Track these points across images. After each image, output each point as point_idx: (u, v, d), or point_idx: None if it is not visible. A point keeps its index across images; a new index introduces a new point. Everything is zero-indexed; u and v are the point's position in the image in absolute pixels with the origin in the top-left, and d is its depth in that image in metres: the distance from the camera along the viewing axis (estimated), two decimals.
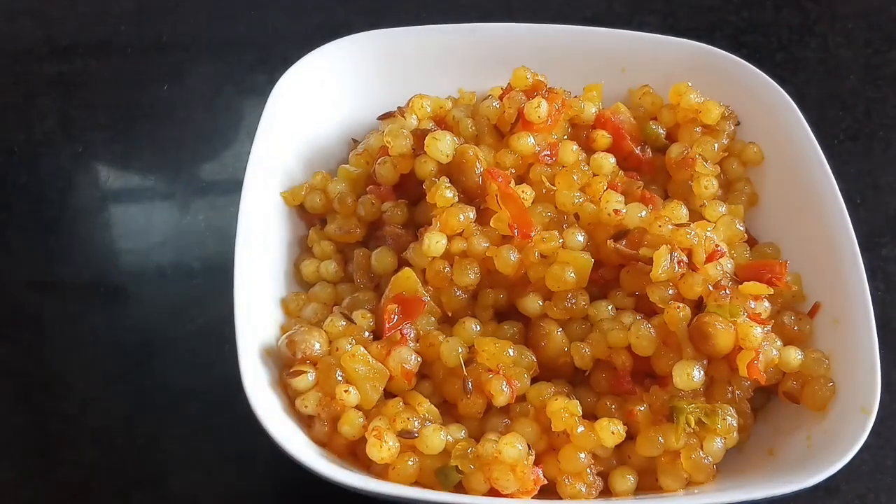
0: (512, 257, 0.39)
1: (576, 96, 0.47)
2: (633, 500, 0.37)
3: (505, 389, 0.37)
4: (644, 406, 0.37)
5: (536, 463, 0.36)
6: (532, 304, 0.39)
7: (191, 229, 0.52)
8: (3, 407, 0.45)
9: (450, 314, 0.40)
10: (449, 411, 0.39)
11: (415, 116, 0.46)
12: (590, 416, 0.38)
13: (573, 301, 0.39)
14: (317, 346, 0.39)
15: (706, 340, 0.37)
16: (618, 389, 0.38)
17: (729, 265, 0.40)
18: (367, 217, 0.44)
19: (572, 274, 0.38)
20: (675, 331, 0.38)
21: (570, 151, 0.43)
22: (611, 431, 0.36)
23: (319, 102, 0.48)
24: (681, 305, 0.38)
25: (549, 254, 0.39)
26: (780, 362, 0.38)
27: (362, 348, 0.38)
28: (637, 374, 0.39)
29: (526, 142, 0.42)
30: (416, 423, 0.37)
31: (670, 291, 0.39)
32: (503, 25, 0.51)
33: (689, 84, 0.47)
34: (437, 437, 0.36)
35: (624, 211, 0.40)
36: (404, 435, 0.36)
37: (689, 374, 0.37)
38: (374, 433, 0.36)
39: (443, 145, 0.41)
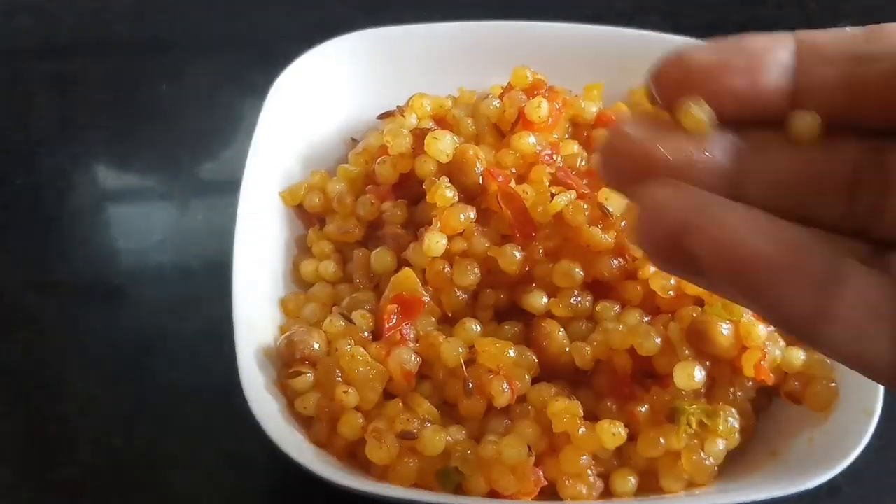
0: (516, 255, 0.39)
1: (577, 95, 0.46)
2: (633, 501, 0.37)
3: (506, 390, 0.37)
4: (645, 407, 0.37)
5: (537, 464, 0.36)
6: (537, 300, 0.39)
7: (189, 229, 0.51)
8: (2, 407, 0.45)
9: (450, 314, 0.40)
10: (449, 412, 0.39)
11: (414, 115, 0.46)
12: (591, 416, 0.37)
13: (579, 299, 0.38)
14: (316, 346, 0.39)
15: (705, 341, 0.37)
16: (618, 393, 0.38)
17: None
18: (366, 217, 0.44)
19: (580, 271, 0.38)
20: (670, 334, 0.38)
21: (572, 151, 0.43)
22: (612, 433, 0.36)
23: (318, 101, 0.48)
24: (694, 307, 0.38)
25: (553, 251, 0.39)
26: (782, 362, 0.38)
27: (362, 349, 0.38)
28: (637, 374, 0.39)
29: (527, 141, 0.42)
30: (415, 424, 0.37)
31: (672, 282, 0.38)
32: (503, 24, 0.51)
33: None
34: (437, 439, 0.36)
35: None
36: (404, 436, 0.36)
37: (690, 375, 0.36)
38: (374, 434, 0.36)
39: (443, 145, 0.41)
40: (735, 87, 0.20)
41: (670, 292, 0.38)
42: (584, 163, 0.43)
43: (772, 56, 0.20)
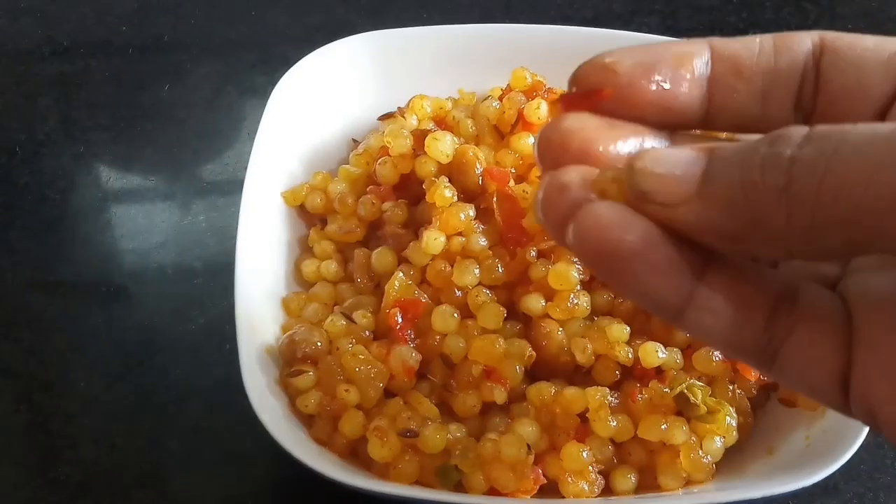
0: (499, 268, 0.39)
1: None
2: (633, 498, 0.37)
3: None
4: (644, 394, 0.37)
5: (537, 462, 0.36)
6: (534, 303, 0.39)
7: (192, 229, 0.52)
8: (3, 407, 0.45)
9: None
10: (448, 411, 0.39)
11: (415, 117, 0.46)
12: (582, 415, 0.38)
13: (576, 301, 0.39)
14: (317, 345, 0.39)
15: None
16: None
17: None
18: (367, 217, 0.44)
19: (576, 274, 0.38)
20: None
21: None
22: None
23: (320, 103, 0.48)
24: None
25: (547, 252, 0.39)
26: None
27: (363, 348, 0.39)
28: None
29: (526, 142, 0.42)
30: (416, 422, 0.37)
31: None
32: (503, 26, 0.51)
33: None
34: (438, 436, 0.36)
35: None
36: (405, 434, 0.36)
37: (655, 352, 0.37)
38: (376, 432, 0.36)
39: (443, 145, 0.42)
40: (654, 97, 0.21)
41: None
42: None
43: (690, 66, 0.21)
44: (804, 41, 0.21)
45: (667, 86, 0.21)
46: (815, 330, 0.19)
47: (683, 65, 0.21)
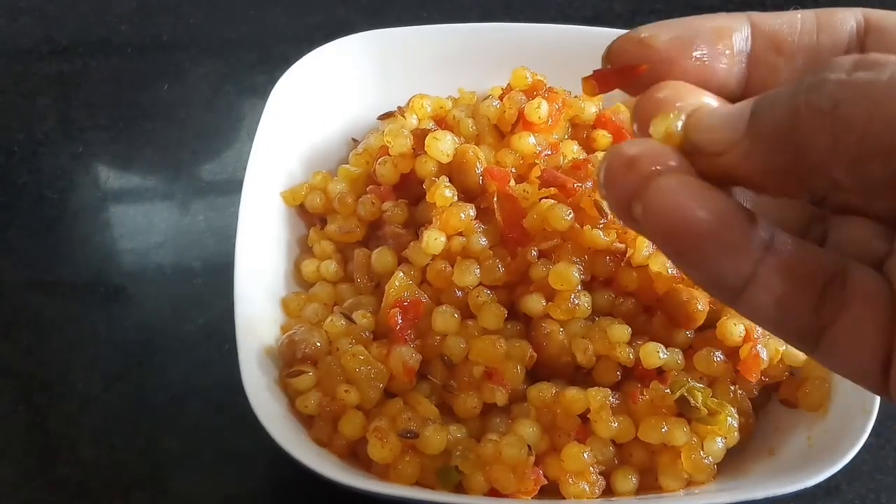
0: (500, 268, 0.39)
1: (576, 96, 0.47)
2: (634, 499, 0.37)
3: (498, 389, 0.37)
4: (645, 395, 0.37)
5: (537, 463, 0.36)
6: (535, 304, 0.39)
7: (191, 229, 0.52)
8: (3, 407, 0.45)
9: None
10: (449, 411, 0.39)
11: (415, 116, 0.46)
12: (583, 415, 0.37)
13: (577, 301, 0.39)
14: (317, 345, 0.39)
15: (680, 308, 0.37)
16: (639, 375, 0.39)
17: None
18: (367, 217, 0.44)
19: (577, 274, 0.38)
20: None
21: (571, 151, 0.43)
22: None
23: (320, 102, 0.48)
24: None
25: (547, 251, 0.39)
26: (784, 355, 0.38)
27: (363, 348, 0.39)
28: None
29: (527, 142, 0.42)
30: (416, 423, 0.37)
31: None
32: (503, 25, 0.51)
33: None
34: (438, 437, 0.36)
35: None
36: (406, 435, 0.36)
37: (656, 353, 0.37)
38: (376, 433, 0.36)
39: (443, 145, 0.41)
40: (692, 74, 0.20)
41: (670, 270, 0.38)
42: (565, 161, 0.43)
43: (728, 41, 0.20)
44: (847, 19, 0.20)
45: (705, 61, 0.20)
46: (861, 311, 0.18)
47: (722, 40, 0.20)
